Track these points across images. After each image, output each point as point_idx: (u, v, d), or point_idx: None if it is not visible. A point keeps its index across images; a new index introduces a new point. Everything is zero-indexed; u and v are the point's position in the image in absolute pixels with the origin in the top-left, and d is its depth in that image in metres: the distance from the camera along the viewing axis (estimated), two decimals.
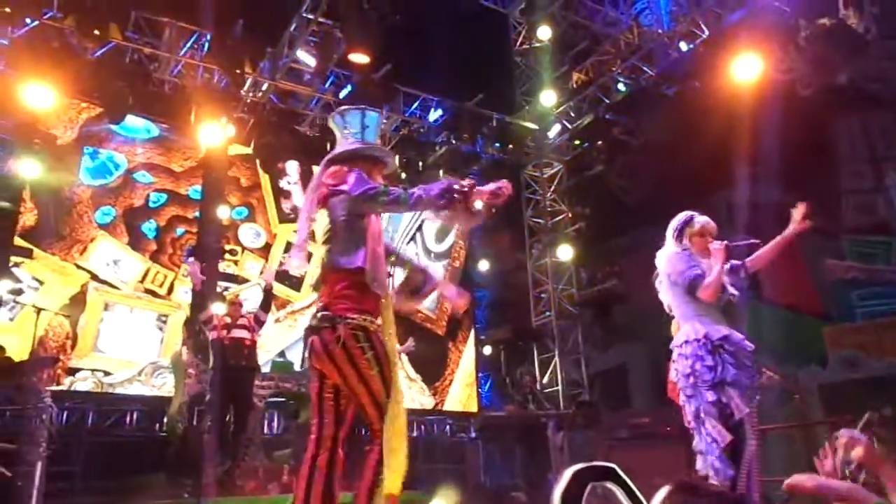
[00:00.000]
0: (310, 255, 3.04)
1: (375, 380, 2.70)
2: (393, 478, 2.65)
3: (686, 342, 3.44)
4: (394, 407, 2.72)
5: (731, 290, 3.58)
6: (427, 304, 10.35)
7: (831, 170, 13.59)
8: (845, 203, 13.51)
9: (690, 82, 8.47)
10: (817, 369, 12.21)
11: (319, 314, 2.79)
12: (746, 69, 7.35)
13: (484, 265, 11.77)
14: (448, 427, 10.56)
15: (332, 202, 2.89)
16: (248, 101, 8.88)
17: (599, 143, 10.03)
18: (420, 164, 10.05)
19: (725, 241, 3.57)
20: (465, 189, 2.85)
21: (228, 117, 8.44)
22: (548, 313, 10.78)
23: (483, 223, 3.47)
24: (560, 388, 10.19)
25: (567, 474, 2.24)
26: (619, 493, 2.36)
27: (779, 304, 13.03)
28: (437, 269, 10.65)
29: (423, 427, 10.36)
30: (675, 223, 3.67)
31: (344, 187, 2.86)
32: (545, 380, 10.48)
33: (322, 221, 2.95)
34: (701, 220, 3.66)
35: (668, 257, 3.63)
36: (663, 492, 2.21)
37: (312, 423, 2.79)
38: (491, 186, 2.91)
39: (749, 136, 8.99)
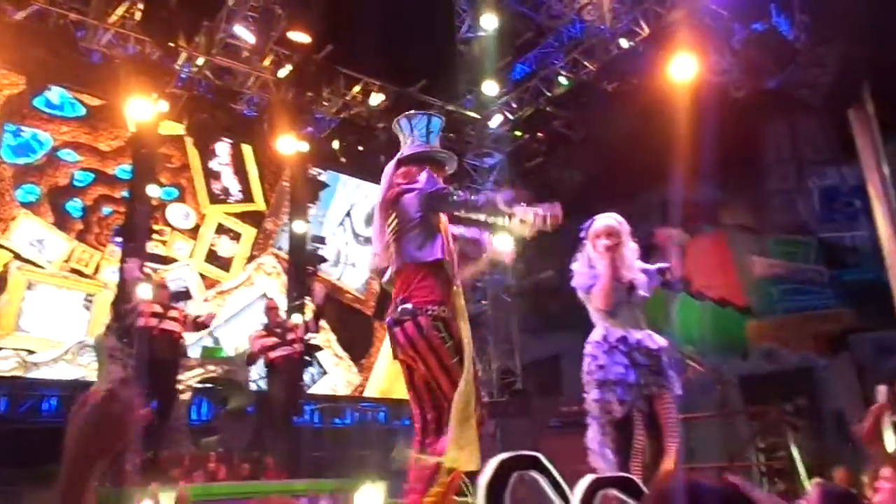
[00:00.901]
0: (387, 256, 3.15)
1: (456, 368, 2.87)
2: (461, 454, 2.77)
3: (588, 342, 3.70)
4: (466, 387, 2.86)
5: (642, 292, 3.76)
6: (356, 286, 10.34)
7: (759, 171, 14.15)
8: (771, 203, 14.12)
9: (629, 79, 8.66)
10: (739, 361, 12.79)
11: (400, 307, 2.97)
12: (683, 69, 7.56)
13: None
14: (382, 414, 10.56)
15: (404, 200, 3.05)
16: (182, 76, 8.60)
17: (540, 134, 10.15)
18: (360, 148, 9.95)
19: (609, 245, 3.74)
20: (519, 209, 3.01)
21: (160, 92, 8.15)
22: (483, 302, 10.88)
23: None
24: (493, 376, 10.32)
25: (492, 463, 2.28)
26: (544, 482, 2.41)
27: (707, 297, 13.53)
28: (366, 253, 10.67)
29: (356, 414, 10.34)
30: (585, 227, 3.86)
31: (417, 186, 3.04)
32: (478, 367, 10.59)
33: (389, 218, 3.10)
34: (600, 221, 3.83)
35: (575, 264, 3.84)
36: (586, 480, 2.29)
37: (414, 413, 3.06)
38: (542, 212, 3.04)
39: (684, 134, 9.26)
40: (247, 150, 9.69)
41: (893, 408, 5.54)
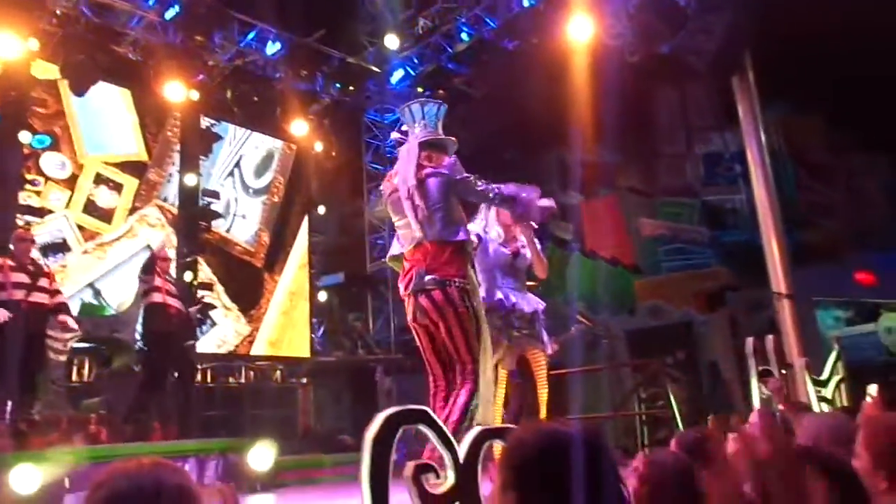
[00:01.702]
0: (410, 233, 3.36)
1: (473, 333, 3.21)
2: (493, 410, 3.31)
3: None
4: (485, 354, 3.28)
5: (528, 256, 4.03)
6: (245, 238, 10.12)
7: (650, 134, 14.70)
8: (661, 166, 14.73)
9: (530, 38, 8.70)
10: (627, 317, 13.42)
11: (427, 277, 3.22)
12: (580, 30, 7.66)
13: (321, 209, 11.55)
14: (279, 372, 10.42)
15: (430, 182, 3.31)
16: (57, 12, 7.90)
17: (441, 91, 10.06)
18: (255, 98, 9.55)
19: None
20: (531, 203, 3.42)
21: (32, 28, 7.46)
22: (382, 260, 10.81)
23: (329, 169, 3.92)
24: (392, 334, 10.36)
25: (379, 418, 2.26)
26: (432, 435, 2.43)
27: (600, 256, 14.06)
28: (255, 205, 10.41)
29: (252, 372, 10.14)
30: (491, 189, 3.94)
31: (443, 171, 3.32)
32: (377, 326, 10.60)
33: (416, 198, 3.34)
34: (507, 191, 3.94)
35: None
36: (473, 432, 2.32)
37: (432, 375, 3.32)
38: (547, 204, 3.51)
39: (582, 97, 9.44)
40: (126, 95, 9.09)
41: (759, 358, 5.97)
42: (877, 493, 1.54)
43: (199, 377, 8.38)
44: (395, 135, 3.63)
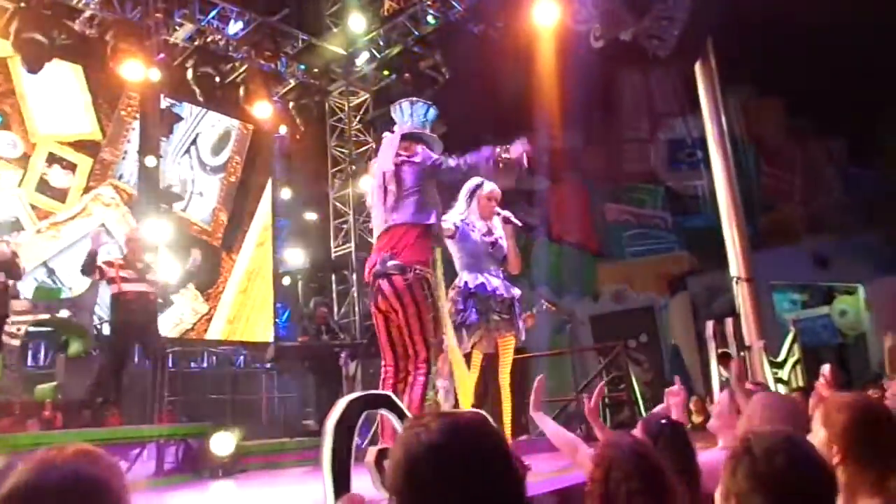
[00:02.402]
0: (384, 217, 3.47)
1: (430, 322, 3.26)
2: (463, 396, 3.45)
3: (451, 288, 4.02)
4: (450, 342, 3.42)
5: (504, 246, 4.15)
6: (202, 217, 9.98)
7: (615, 120, 14.82)
8: (625, 152, 14.87)
9: (495, 22, 8.65)
10: (590, 301, 13.59)
11: (389, 262, 3.27)
12: (546, 15, 7.65)
13: (286, 193, 11.39)
14: (242, 358, 10.30)
15: (404, 168, 3.43)
16: None
17: (407, 75, 9.96)
18: (217, 79, 9.33)
19: (507, 215, 4.16)
20: (508, 155, 3.47)
21: None
22: (347, 245, 10.76)
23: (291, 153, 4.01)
24: (357, 319, 10.31)
25: (341, 403, 2.25)
26: (395, 420, 2.42)
27: (564, 241, 14.18)
28: (213, 183, 10.26)
29: (215, 357, 10.01)
30: (468, 185, 4.13)
31: (415, 159, 3.45)
32: (342, 310, 10.53)
33: (391, 184, 3.44)
34: (489, 186, 4.17)
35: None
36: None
37: (384, 359, 3.38)
38: (520, 147, 3.50)
39: (548, 82, 9.46)
40: (78, 72, 8.83)
41: (718, 342, 6.08)
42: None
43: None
44: (386, 134, 3.66)
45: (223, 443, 5.26)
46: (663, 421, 2.10)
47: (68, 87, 8.82)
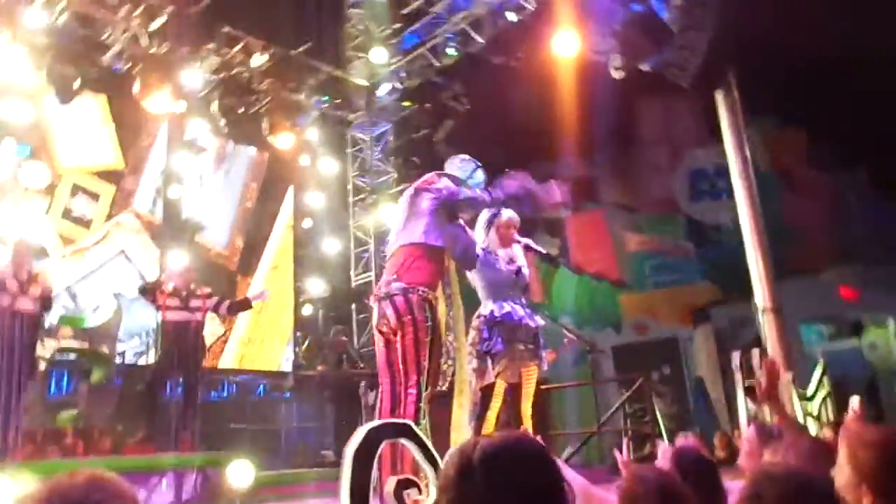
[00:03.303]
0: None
1: (426, 346, 3.23)
2: (456, 421, 3.54)
3: (476, 317, 4.05)
4: (460, 370, 3.54)
5: (526, 275, 4.22)
6: (220, 242, 10.08)
7: (636, 149, 14.80)
8: (645, 181, 14.80)
9: (515, 53, 8.73)
10: (612, 332, 13.44)
11: (392, 283, 3.31)
12: (566, 46, 7.69)
13: (307, 223, 11.47)
14: (261, 386, 10.30)
15: (422, 195, 3.55)
16: (40, 21, 7.83)
17: (427, 105, 10.08)
18: (242, 110, 9.51)
19: (529, 243, 4.21)
20: (534, 194, 3.64)
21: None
22: (368, 274, 10.78)
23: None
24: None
25: (361, 431, 2.23)
26: (414, 450, 2.39)
27: (585, 272, 14.08)
28: (229, 209, 10.40)
29: (234, 386, 10.02)
30: (486, 213, 4.16)
31: (436, 186, 3.57)
32: (362, 339, 10.52)
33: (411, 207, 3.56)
34: (507, 213, 4.20)
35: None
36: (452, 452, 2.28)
37: (381, 382, 3.37)
38: (556, 196, 3.71)
39: (567, 112, 9.49)
40: (102, 102, 9.04)
41: (745, 373, 5.95)
42: None
43: (180, 390, 8.25)
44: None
45: (241, 473, 5.23)
46: (696, 456, 2.04)
47: (92, 118, 9.03)
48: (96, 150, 9.03)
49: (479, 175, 3.81)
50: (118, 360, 7.63)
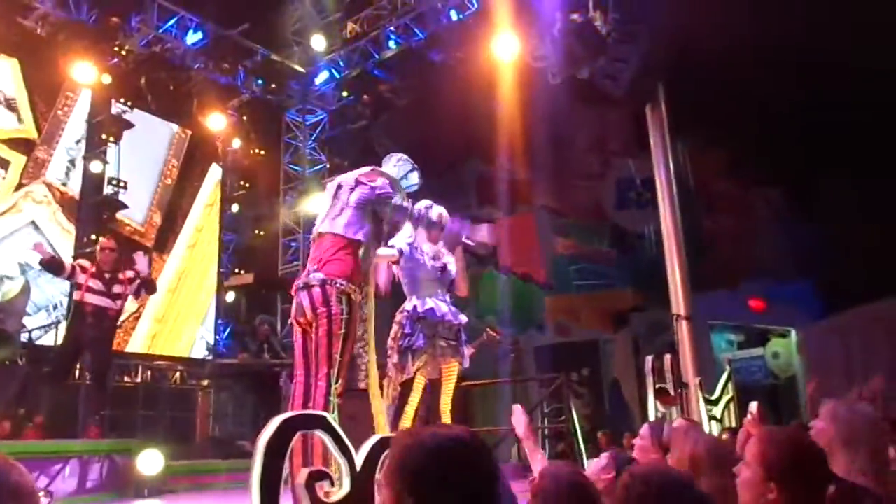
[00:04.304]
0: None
1: (339, 339, 3.23)
2: (379, 420, 3.44)
3: (400, 312, 4.05)
4: (372, 369, 3.47)
5: (452, 271, 4.18)
6: (137, 219, 9.75)
7: (568, 156, 15.09)
8: (575, 187, 15.12)
9: (455, 52, 8.77)
10: (535, 332, 13.68)
11: (312, 274, 3.29)
12: (506, 49, 7.78)
13: (235, 208, 11.20)
14: (178, 374, 10.00)
15: (356, 188, 3.50)
16: None
17: (365, 97, 10.00)
18: (171, 87, 9.19)
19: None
20: (473, 242, 3.79)
21: None
22: (295, 263, 10.62)
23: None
24: None
25: (274, 422, 2.17)
26: (329, 442, 2.35)
27: (513, 272, 14.27)
28: (148, 185, 10.07)
29: (149, 372, 9.69)
30: (416, 208, 4.09)
31: (373, 183, 3.52)
32: (285, 329, 10.35)
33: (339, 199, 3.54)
34: (437, 210, 4.17)
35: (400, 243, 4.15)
36: (373, 440, 2.27)
37: (295, 371, 3.39)
38: (485, 234, 3.88)
39: (503, 114, 9.59)
40: (14, 67, 8.56)
41: (656, 378, 6.15)
42: (765, 503, 1.62)
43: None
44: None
45: (151, 461, 5.06)
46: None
47: (3, 82, 8.54)
48: (6, 115, 8.56)
49: (415, 177, 3.78)
50: (24, 339, 7.24)
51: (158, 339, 9.93)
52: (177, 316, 10.17)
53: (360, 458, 2.28)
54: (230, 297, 10.86)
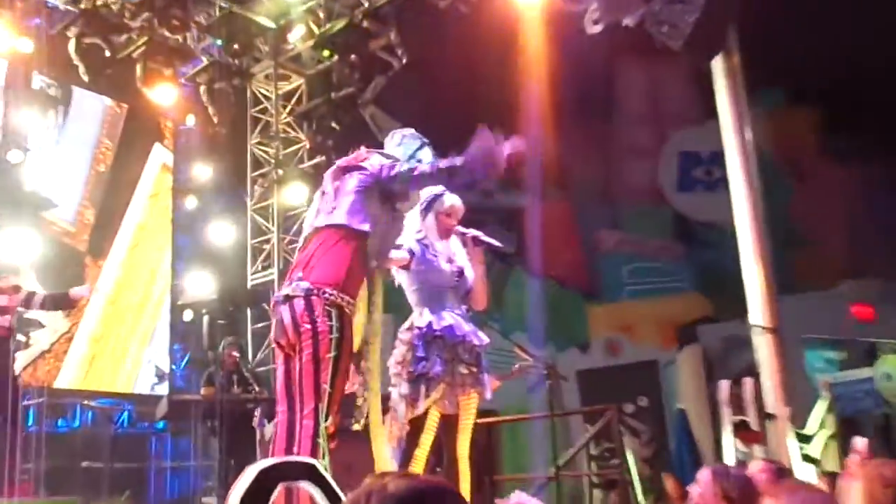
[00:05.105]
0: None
1: (328, 365, 3.22)
2: (382, 462, 3.47)
3: (408, 328, 4.05)
4: (373, 397, 3.50)
5: (470, 279, 4.22)
6: (65, 217, 9.88)
7: (615, 125, 15.09)
8: (625, 165, 15.12)
9: None
10: (577, 353, 13.70)
11: (295, 282, 3.33)
12: None
13: (190, 203, 11.30)
14: (125, 413, 10.14)
15: (351, 174, 3.55)
16: None
17: (353, 57, 10.05)
18: (107, 53, 9.30)
19: (477, 235, 4.24)
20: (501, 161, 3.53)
21: None
22: (270, 271, 10.70)
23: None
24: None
25: (250, 472, 2.24)
26: (318, 495, 2.41)
27: (546, 275, 14.28)
28: (77, 174, 10.22)
29: (88, 413, 9.83)
30: (424, 196, 4.12)
31: (367, 166, 3.55)
32: (260, 355, 10.45)
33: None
34: (451, 198, 4.20)
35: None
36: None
37: (279, 410, 3.37)
38: (509, 149, 3.56)
39: (530, 73, 9.61)
40: None
41: (734, 408, 6.18)
42: None
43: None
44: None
45: None
46: None
47: None
48: None
49: (426, 155, 3.80)
50: None
51: (98, 365, 10.02)
52: (118, 335, 10.26)
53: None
54: (187, 315, 10.96)
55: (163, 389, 10.35)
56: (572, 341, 13.89)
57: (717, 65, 7.63)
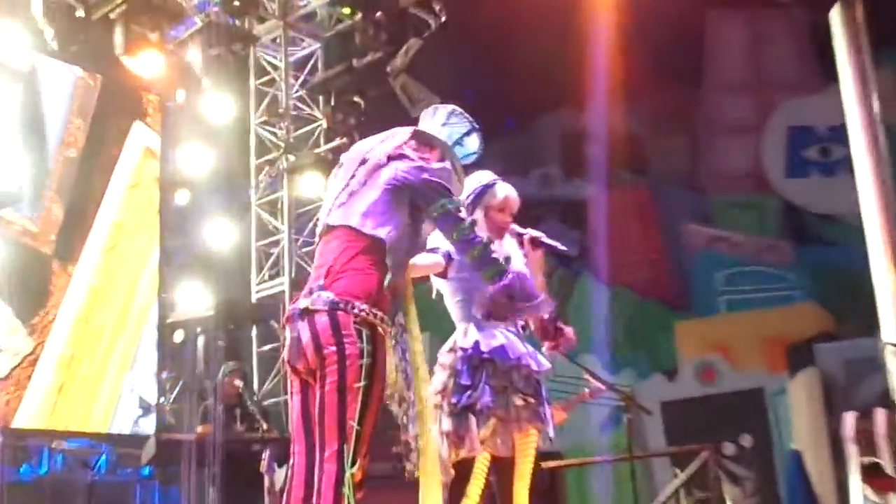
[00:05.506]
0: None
1: (357, 396, 3.15)
2: None
3: (451, 349, 4.06)
4: (426, 440, 3.46)
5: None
6: (26, 213, 10.02)
7: (706, 94, 14.99)
8: (718, 143, 15.00)
9: None
10: (662, 380, 13.62)
11: (316, 292, 3.25)
12: None
13: (181, 197, 11.43)
14: (105, 457, 10.28)
15: (391, 164, 3.46)
16: None
17: (379, 15, 10.11)
18: (79, 12, 9.47)
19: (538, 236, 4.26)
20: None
21: None
22: (279, 280, 10.80)
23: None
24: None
25: None
26: None
27: (621, 283, 14.22)
28: (42, 161, 10.24)
29: (58, 457, 9.98)
30: (471, 187, 4.12)
31: (421, 164, 3.47)
32: (268, 385, 10.55)
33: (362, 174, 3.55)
34: (504, 189, 4.24)
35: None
36: None
37: (295, 450, 3.33)
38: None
39: (597, 33, 9.62)
40: None
41: (863, 447, 6.15)
42: None
43: None
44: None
45: None
46: None
47: None
48: None
49: (473, 142, 3.73)
50: None
51: (69, 395, 10.10)
52: (92, 359, 10.33)
53: None
54: (178, 336, 11.08)
55: (148, 426, 10.39)
56: (655, 366, 13.83)
57: (836, 17, 7.57)
